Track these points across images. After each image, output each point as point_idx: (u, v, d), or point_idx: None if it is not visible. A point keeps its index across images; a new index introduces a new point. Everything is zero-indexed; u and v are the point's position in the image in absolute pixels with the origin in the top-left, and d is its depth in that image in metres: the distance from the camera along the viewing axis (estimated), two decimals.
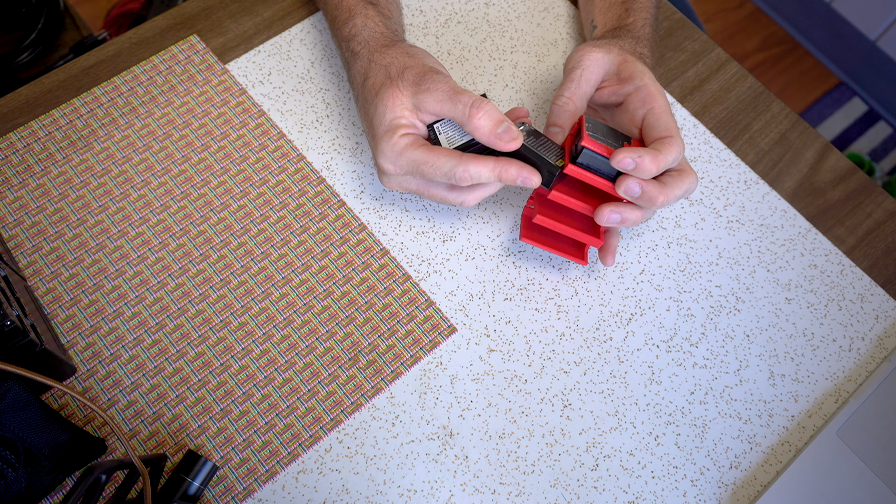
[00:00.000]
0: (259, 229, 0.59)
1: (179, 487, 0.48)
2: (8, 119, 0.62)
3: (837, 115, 1.67)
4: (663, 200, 0.51)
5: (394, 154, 0.52)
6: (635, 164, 0.49)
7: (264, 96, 0.65)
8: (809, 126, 0.67)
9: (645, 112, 0.54)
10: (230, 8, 0.69)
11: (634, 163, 0.49)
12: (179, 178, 0.61)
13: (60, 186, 0.60)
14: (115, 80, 0.64)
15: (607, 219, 0.52)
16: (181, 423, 0.53)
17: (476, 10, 0.70)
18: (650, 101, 0.53)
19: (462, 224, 0.61)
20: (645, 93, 0.54)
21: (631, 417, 0.55)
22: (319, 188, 0.61)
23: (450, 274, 0.59)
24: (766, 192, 0.63)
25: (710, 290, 0.59)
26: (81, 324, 0.55)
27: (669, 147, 0.51)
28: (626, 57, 0.56)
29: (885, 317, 0.59)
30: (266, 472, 0.52)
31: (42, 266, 0.57)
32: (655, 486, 0.53)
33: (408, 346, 0.56)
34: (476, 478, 0.52)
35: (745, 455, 0.54)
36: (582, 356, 0.56)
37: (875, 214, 0.63)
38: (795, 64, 1.72)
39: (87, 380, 0.53)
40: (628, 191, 0.51)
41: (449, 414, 0.54)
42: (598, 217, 0.52)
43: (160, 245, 0.58)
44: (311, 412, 0.54)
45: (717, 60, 0.70)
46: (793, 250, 0.61)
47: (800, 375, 0.57)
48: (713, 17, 1.76)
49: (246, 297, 0.57)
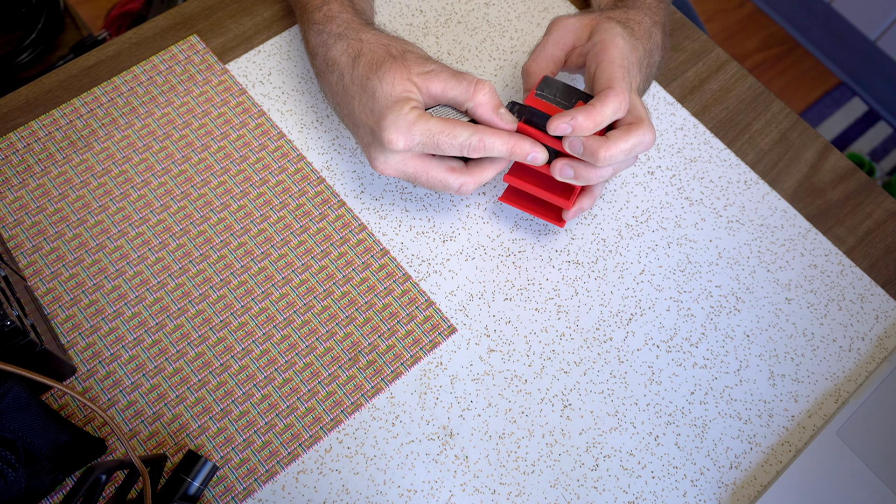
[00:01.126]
0: (259, 229, 0.59)
1: (179, 487, 0.48)
2: (8, 119, 0.62)
3: (837, 115, 1.67)
4: (605, 154, 0.50)
5: (406, 125, 0.51)
6: (571, 127, 0.50)
7: (264, 96, 0.65)
8: (809, 126, 0.67)
9: (595, 66, 0.53)
10: (230, 8, 0.69)
11: (570, 126, 0.50)
12: (179, 178, 0.61)
13: (60, 186, 0.60)
14: (115, 80, 0.64)
15: (560, 172, 0.53)
16: (181, 423, 0.53)
17: (476, 10, 0.70)
18: (601, 55, 0.52)
19: (462, 224, 0.61)
20: (599, 47, 0.53)
21: (631, 417, 0.55)
22: (319, 188, 0.61)
23: (450, 274, 0.59)
24: (766, 192, 0.63)
25: (710, 290, 0.59)
26: (81, 324, 0.55)
27: (605, 99, 0.50)
28: (600, 20, 0.55)
29: (885, 317, 0.59)
30: (266, 472, 0.52)
31: (42, 266, 0.57)
32: (655, 486, 0.53)
33: (408, 346, 0.56)
34: (476, 478, 0.52)
35: (745, 455, 0.54)
36: (582, 356, 0.56)
37: (875, 214, 0.63)
38: (795, 64, 1.72)
39: (87, 380, 0.53)
40: (571, 147, 0.51)
41: (449, 414, 0.54)
42: (552, 171, 0.53)
43: (160, 245, 0.58)
44: (311, 412, 0.54)
45: (717, 60, 0.70)
46: (793, 250, 0.61)
47: (800, 375, 0.57)
48: (713, 17, 1.76)
49: (246, 297, 0.57)
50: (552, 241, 0.60)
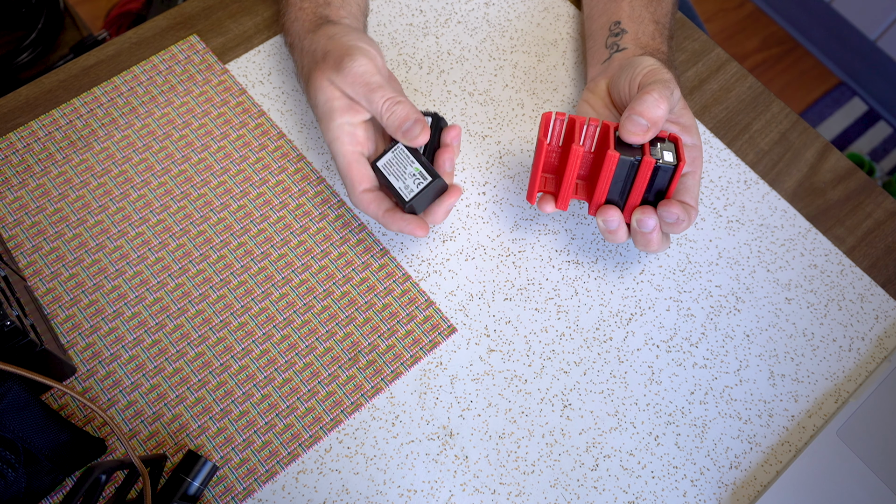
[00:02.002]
0: (259, 229, 0.59)
1: (179, 487, 0.48)
2: (8, 119, 0.62)
3: (837, 115, 1.67)
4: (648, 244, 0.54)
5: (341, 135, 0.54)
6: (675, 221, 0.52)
7: (264, 96, 0.65)
8: (809, 126, 0.67)
9: (687, 173, 0.55)
10: (230, 8, 0.69)
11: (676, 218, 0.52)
12: (179, 178, 0.61)
13: (60, 186, 0.60)
14: (115, 80, 0.64)
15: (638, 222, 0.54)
16: (181, 423, 0.53)
17: (476, 10, 0.70)
18: (695, 165, 0.55)
19: (462, 224, 0.61)
20: (696, 153, 0.55)
21: (631, 417, 0.55)
22: (319, 188, 0.61)
23: (450, 274, 0.59)
24: (766, 192, 0.63)
25: (710, 290, 0.59)
26: (81, 324, 0.55)
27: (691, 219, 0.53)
28: (684, 100, 0.56)
29: (885, 317, 0.59)
30: (266, 472, 0.52)
31: (42, 266, 0.57)
32: (655, 486, 0.53)
33: (408, 346, 0.56)
34: (476, 478, 0.52)
35: (745, 455, 0.54)
36: (582, 356, 0.56)
37: (875, 214, 0.63)
38: (795, 64, 1.72)
39: (87, 380, 0.53)
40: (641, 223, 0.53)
41: (449, 414, 0.54)
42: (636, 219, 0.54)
43: (160, 245, 0.58)
44: (311, 412, 0.54)
45: (717, 60, 0.70)
46: (793, 250, 0.61)
47: (800, 375, 0.57)
48: (713, 17, 1.76)
49: (246, 297, 0.57)
50: (552, 241, 0.60)
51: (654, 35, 0.60)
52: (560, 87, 0.67)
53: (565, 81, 0.67)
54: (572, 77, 0.67)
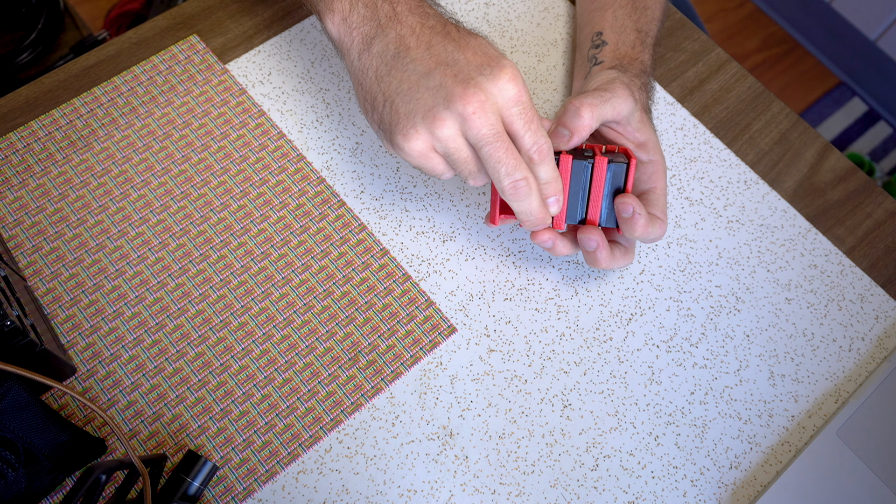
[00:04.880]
0: (259, 229, 0.59)
1: (179, 487, 0.48)
2: (8, 119, 0.62)
3: (837, 115, 1.67)
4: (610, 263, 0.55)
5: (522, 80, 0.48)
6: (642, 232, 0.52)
7: (264, 96, 0.65)
8: (809, 126, 0.67)
9: (648, 189, 0.55)
10: (230, 8, 0.69)
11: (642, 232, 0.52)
12: (179, 178, 0.61)
13: (60, 186, 0.60)
14: (115, 80, 0.64)
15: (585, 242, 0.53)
16: (181, 423, 0.53)
17: (476, 10, 0.70)
18: (655, 181, 0.55)
19: (462, 224, 0.61)
20: (653, 169, 0.55)
21: (631, 417, 0.55)
22: (319, 188, 0.61)
23: (450, 274, 0.59)
24: (766, 192, 0.63)
25: (710, 290, 0.59)
26: (81, 324, 0.55)
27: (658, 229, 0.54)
28: (643, 115, 0.56)
29: (885, 317, 0.59)
30: (266, 472, 0.52)
31: (42, 266, 0.57)
32: (655, 487, 0.53)
33: (408, 347, 0.56)
34: (476, 478, 0.52)
35: (745, 455, 0.54)
36: (582, 356, 0.56)
37: (875, 214, 0.63)
38: (795, 64, 1.72)
39: (87, 380, 0.53)
40: (585, 242, 0.53)
41: (449, 414, 0.54)
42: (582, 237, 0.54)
43: (160, 245, 0.58)
44: (311, 412, 0.54)
45: (717, 60, 0.70)
46: (793, 250, 0.61)
47: (800, 375, 0.57)
48: (713, 17, 1.76)
49: (246, 297, 0.57)
50: None
51: (635, 44, 0.60)
52: (560, 87, 0.67)
53: (565, 81, 0.67)
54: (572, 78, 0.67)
